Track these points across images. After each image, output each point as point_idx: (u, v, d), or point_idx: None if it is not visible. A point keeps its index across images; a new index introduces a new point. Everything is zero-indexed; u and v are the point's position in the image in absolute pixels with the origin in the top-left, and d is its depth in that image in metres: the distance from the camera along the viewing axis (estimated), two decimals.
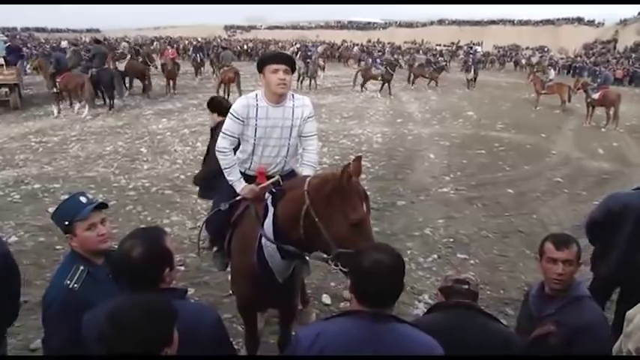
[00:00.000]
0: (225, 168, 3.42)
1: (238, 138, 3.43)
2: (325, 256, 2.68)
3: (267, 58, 3.39)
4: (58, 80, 14.27)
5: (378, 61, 23.74)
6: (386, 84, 21.41)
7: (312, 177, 2.83)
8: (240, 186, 3.38)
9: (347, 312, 2.01)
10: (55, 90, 14.49)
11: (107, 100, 15.02)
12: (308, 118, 3.47)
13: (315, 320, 4.32)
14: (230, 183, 3.42)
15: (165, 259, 1.99)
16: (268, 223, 2.92)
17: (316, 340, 1.90)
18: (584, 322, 2.50)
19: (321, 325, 2.05)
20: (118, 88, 15.20)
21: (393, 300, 1.94)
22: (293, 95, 3.48)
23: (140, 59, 20.49)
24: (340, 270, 2.59)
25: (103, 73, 14.75)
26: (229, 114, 3.40)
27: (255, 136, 3.36)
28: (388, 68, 21.69)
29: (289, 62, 3.35)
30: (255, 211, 3.17)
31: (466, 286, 2.44)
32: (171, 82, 19.00)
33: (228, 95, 17.19)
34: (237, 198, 3.41)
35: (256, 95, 3.37)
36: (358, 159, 2.72)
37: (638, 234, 3.61)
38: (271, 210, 2.92)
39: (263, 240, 2.94)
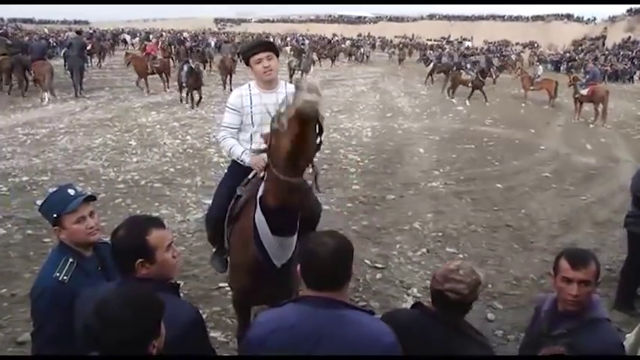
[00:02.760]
0: (230, 149, 3.48)
1: (237, 129, 3.48)
2: None
3: (248, 49, 3.44)
4: (32, 69, 15.28)
5: (469, 66, 21.53)
6: (476, 90, 19.35)
7: None
8: (248, 158, 3.37)
9: (297, 298, 2.03)
10: (30, 78, 15.68)
11: (75, 85, 16.12)
12: None
13: None
14: (239, 160, 3.42)
15: (138, 250, 1.96)
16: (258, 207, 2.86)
17: (266, 327, 1.94)
18: (599, 349, 2.25)
19: (275, 310, 2.06)
20: (78, 76, 16.30)
21: (336, 284, 1.92)
22: (285, 83, 3.56)
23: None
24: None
25: (73, 61, 16.15)
26: (226, 107, 3.50)
27: (252, 122, 3.42)
28: (479, 75, 19.67)
29: (270, 48, 3.42)
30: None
31: (456, 297, 2.13)
32: (142, 79, 17.44)
33: (231, 84, 17.71)
34: (239, 192, 3.39)
35: (249, 85, 3.48)
36: None
37: None
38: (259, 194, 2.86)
39: (256, 219, 2.86)
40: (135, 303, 1.62)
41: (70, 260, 2.31)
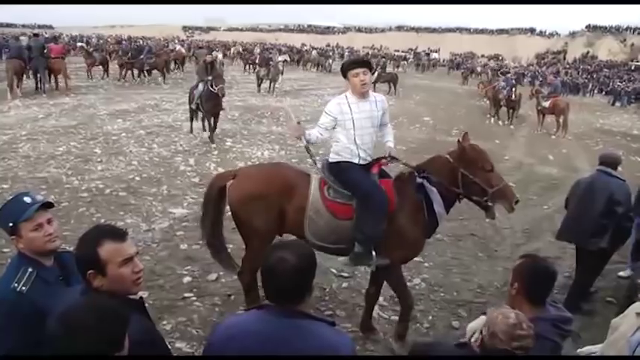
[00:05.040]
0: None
1: (326, 129, 4.15)
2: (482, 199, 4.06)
3: (348, 65, 4.10)
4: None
5: (503, 84, 18.96)
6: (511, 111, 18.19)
7: (449, 153, 4.12)
8: (308, 134, 4.26)
9: (261, 305, 2.03)
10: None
11: (40, 85, 17.33)
12: (386, 110, 4.33)
13: None
14: (305, 137, 4.24)
15: (87, 260, 1.92)
16: (437, 198, 3.99)
17: (225, 332, 1.96)
18: None
19: (240, 316, 2.12)
20: (43, 76, 17.49)
21: (295, 298, 1.91)
22: (372, 92, 4.22)
23: None
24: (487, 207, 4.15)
25: (37, 62, 16.95)
26: (324, 112, 4.16)
27: (354, 127, 4.03)
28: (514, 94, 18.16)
29: (366, 64, 4.11)
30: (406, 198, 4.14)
31: (523, 353, 2.04)
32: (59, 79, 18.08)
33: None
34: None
35: (345, 96, 4.08)
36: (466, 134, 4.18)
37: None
38: (434, 189, 3.99)
39: (435, 208, 4.00)
40: (100, 312, 1.59)
41: (30, 270, 2.25)
